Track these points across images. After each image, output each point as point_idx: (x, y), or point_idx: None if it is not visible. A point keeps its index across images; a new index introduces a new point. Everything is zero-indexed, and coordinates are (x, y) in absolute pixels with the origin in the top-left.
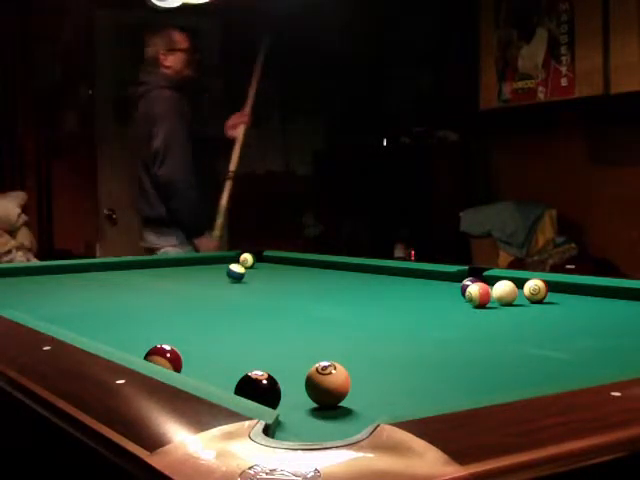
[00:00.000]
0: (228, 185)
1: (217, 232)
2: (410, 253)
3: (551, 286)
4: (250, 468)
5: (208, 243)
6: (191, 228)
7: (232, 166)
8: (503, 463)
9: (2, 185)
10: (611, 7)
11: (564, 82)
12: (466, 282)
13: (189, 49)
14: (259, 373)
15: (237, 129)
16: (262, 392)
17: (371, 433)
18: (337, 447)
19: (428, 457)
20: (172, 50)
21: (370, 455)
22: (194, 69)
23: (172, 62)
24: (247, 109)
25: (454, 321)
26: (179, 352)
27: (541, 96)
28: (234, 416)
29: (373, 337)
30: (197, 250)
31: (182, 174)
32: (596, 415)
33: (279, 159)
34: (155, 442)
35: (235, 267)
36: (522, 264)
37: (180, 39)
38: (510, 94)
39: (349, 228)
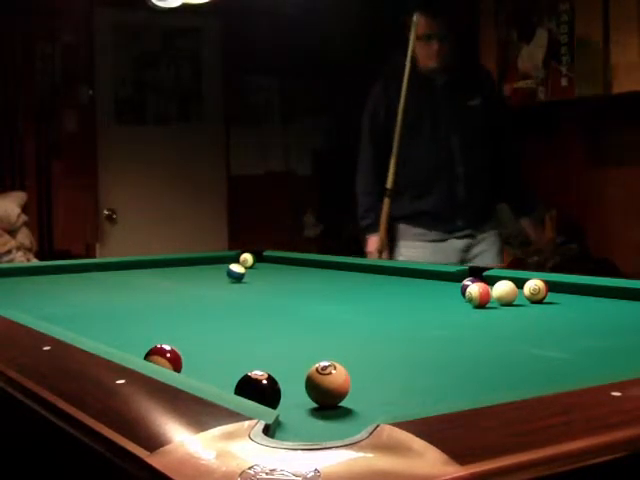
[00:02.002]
0: (386, 202)
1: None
2: None
3: (551, 286)
4: (250, 468)
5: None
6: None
7: (389, 183)
8: (503, 463)
9: (2, 185)
10: (611, 7)
11: (564, 82)
12: (466, 282)
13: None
14: (259, 373)
15: None
16: (262, 392)
17: (371, 433)
18: (337, 447)
19: (428, 457)
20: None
21: (370, 455)
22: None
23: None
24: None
25: (454, 321)
26: (179, 352)
27: (541, 96)
28: (234, 416)
29: (373, 337)
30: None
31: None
32: (596, 415)
33: (279, 159)
34: (155, 442)
35: (235, 267)
36: (522, 264)
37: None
38: (510, 94)
39: (349, 228)
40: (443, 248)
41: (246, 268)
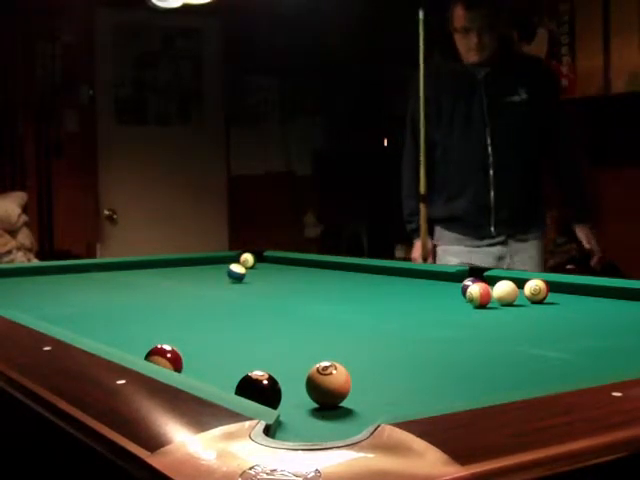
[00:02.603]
0: (422, 208)
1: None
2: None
3: (551, 286)
4: (251, 468)
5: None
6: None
7: (421, 188)
8: (503, 463)
9: (2, 185)
10: (612, 7)
11: (565, 82)
12: (467, 282)
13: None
14: (260, 373)
15: None
16: (263, 392)
17: (372, 433)
18: (338, 447)
19: (429, 457)
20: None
21: (371, 455)
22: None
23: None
24: None
25: (455, 321)
26: (180, 352)
27: None
28: (235, 416)
29: (374, 337)
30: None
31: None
32: (597, 415)
33: (279, 159)
34: (155, 442)
35: (235, 267)
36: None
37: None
38: None
39: (349, 228)
40: (478, 255)
41: (246, 268)
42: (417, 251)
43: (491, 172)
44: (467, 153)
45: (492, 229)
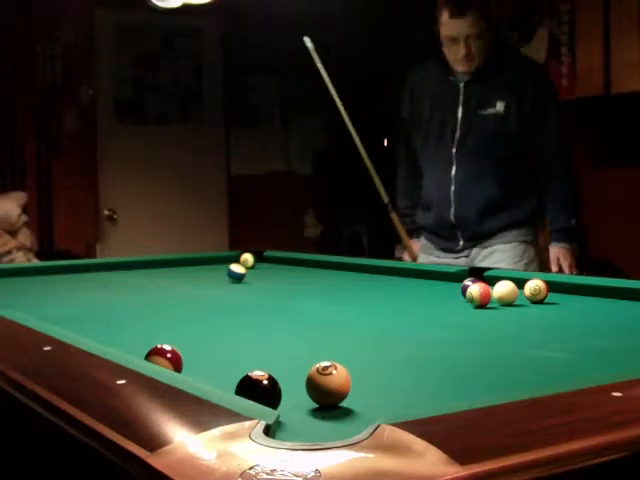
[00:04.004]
0: (394, 216)
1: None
2: None
3: (551, 286)
4: (251, 468)
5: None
6: None
7: (385, 198)
8: (504, 463)
9: (2, 185)
10: (612, 7)
11: (565, 82)
12: (467, 282)
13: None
14: (260, 373)
15: None
16: (263, 392)
17: (372, 433)
18: (338, 447)
19: (428, 457)
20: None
21: (371, 455)
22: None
23: None
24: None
25: (455, 321)
26: (180, 352)
27: None
28: (235, 416)
29: (374, 337)
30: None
31: None
32: (597, 415)
33: (279, 159)
34: (155, 442)
35: (235, 267)
36: None
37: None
38: None
39: (349, 228)
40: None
41: (246, 268)
42: (407, 254)
43: (452, 188)
44: (436, 165)
45: (460, 243)
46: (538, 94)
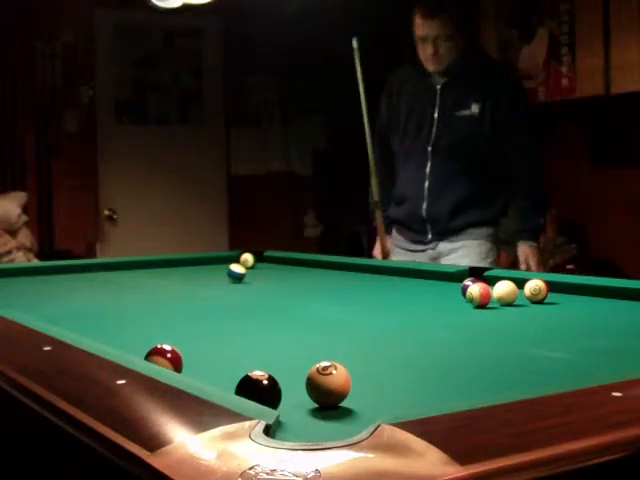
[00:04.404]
0: (377, 214)
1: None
2: None
3: (551, 286)
4: (251, 468)
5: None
6: None
7: (374, 195)
8: (504, 463)
9: (2, 185)
10: (612, 7)
11: (565, 82)
12: (467, 282)
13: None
14: (259, 373)
15: None
16: (263, 392)
17: (372, 433)
18: (338, 447)
19: (428, 457)
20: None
21: (371, 455)
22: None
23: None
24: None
25: (455, 321)
26: (180, 352)
27: (542, 96)
28: (235, 416)
29: (374, 337)
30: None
31: None
32: (597, 415)
33: (279, 159)
34: (155, 442)
35: (235, 267)
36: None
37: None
38: None
39: (349, 228)
40: (414, 259)
41: (246, 268)
42: (377, 249)
43: (426, 184)
44: (412, 162)
45: (429, 236)
46: (513, 101)
